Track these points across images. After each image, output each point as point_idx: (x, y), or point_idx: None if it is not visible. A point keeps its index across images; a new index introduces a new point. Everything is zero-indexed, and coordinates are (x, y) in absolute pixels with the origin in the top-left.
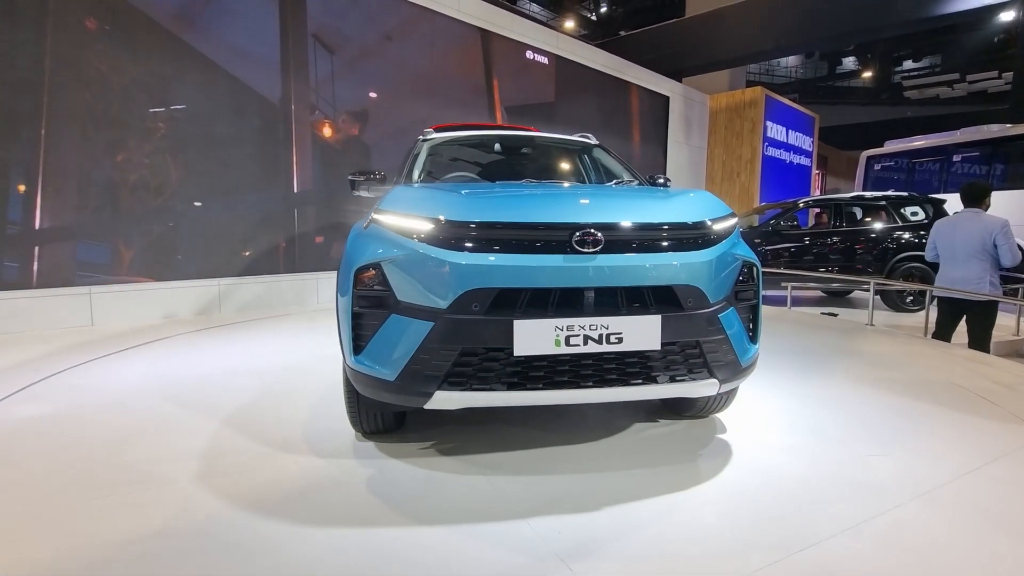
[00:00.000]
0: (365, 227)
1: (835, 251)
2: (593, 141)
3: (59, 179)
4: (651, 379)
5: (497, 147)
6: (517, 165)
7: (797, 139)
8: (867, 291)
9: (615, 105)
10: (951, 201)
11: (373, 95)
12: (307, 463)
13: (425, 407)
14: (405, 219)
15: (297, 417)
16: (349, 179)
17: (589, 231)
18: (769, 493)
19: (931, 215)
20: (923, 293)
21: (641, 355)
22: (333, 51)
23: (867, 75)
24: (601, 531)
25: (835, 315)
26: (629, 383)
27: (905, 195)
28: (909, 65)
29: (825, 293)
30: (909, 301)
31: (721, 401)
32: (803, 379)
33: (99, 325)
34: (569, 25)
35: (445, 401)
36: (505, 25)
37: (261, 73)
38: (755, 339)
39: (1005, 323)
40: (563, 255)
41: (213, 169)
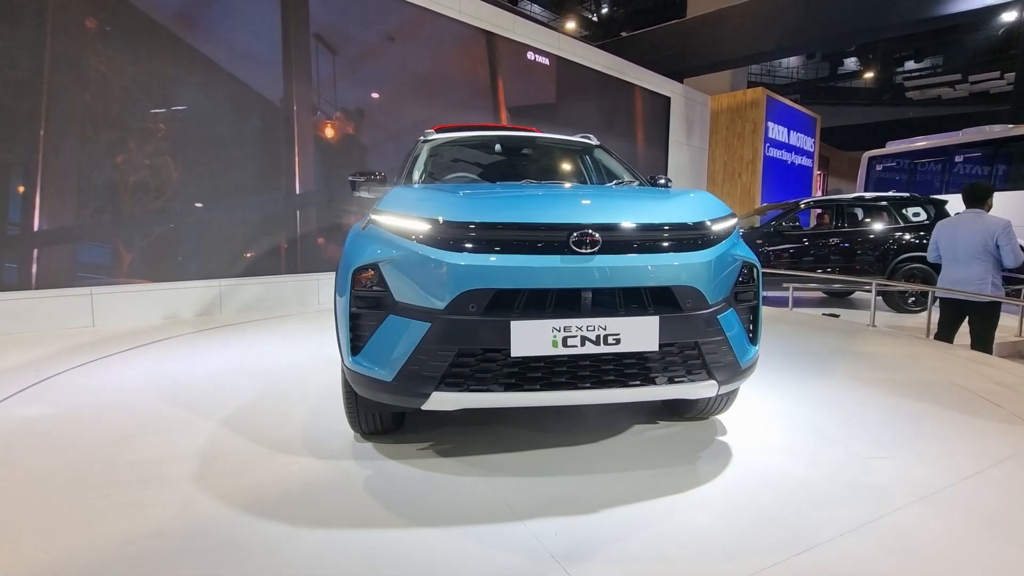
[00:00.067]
0: (363, 228)
1: (837, 252)
2: (594, 142)
3: (60, 180)
4: (649, 380)
5: (498, 148)
6: (518, 166)
7: (798, 140)
8: (869, 292)
9: (616, 106)
10: (953, 202)
11: (376, 96)
12: (306, 463)
13: (422, 408)
14: (402, 220)
15: (297, 418)
16: (350, 180)
17: (587, 232)
18: (769, 495)
19: (933, 216)
20: (925, 294)
21: (639, 356)
22: (335, 52)
23: (869, 76)
24: (598, 533)
25: (837, 316)
26: (627, 384)
27: (907, 196)
28: (911, 66)
29: (827, 294)
30: (911, 302)
31: (721, 403)
32: (804, 380)
33: (100, 326)
34: (570, 26)
35: (442, 402)
36: (506, 26)
37: (263, 74)
38: (755, 340)
39: (1007, 324)
40: (560, 256)
41: (215, 170)
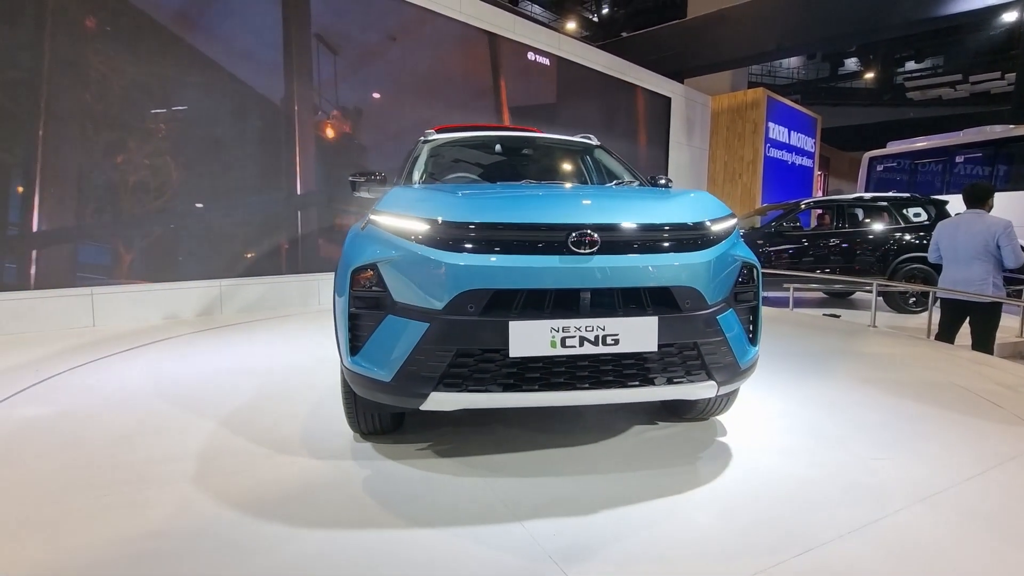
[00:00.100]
0: (362, 228)
1: (837, 252)
2: (594, 142)
3: (61, 180)
4: (648, 381)
5: (498, 148)
6: (518, 166)
7: (799, 140)
8: (870, 292)
9: (617, 106)
10: (954, 202)
11: (378, 96)
12: (306, 463)
13: (421, 408)
14: (401, 220)
15: (296, 418)
16: (350, 180)
17: (585, 232)
18: (769, 496)
19: (933, 216)
20: (926, 294)
21: (638, 357)
22: (337, 52)
23: (869, 76)
24: (597, 533)
25: (838, 316)
26: (626, 385)
27: (907, 196)
28: (911, 66)
29: (827, 294)
30: (912, 302)
31: (721, 403)
32: (804, 381)
33: (100, 326)
34: (571, 27)
35: (441, 402)
36: (507, 27)
37: (264, 73)
38: (755, 341)
39: (1008, 324)
40: (559, 256)
41: (215, 170)
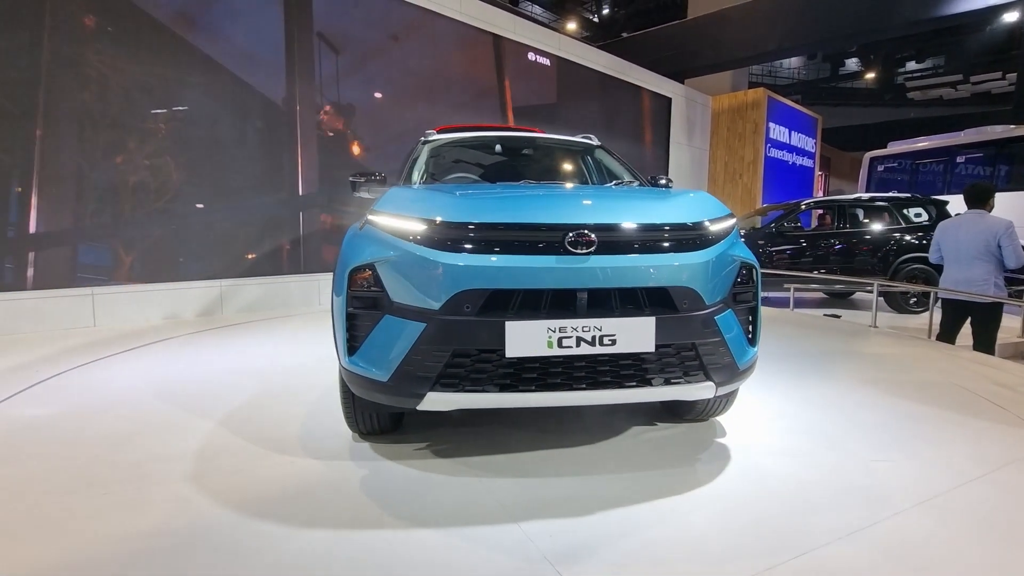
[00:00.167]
0: (360, 228)
1: (838, 252)
2: (595, 142)
3: (61, 180)
4: (645, 381)
5: (498, 148)
6: (518, 166)
7: (800, 140)
8: (870, 293)
9: (617, 107)
10: (954, 203)
11: (380, 96)
12: (304, 463)
13: (418, 408)
14: (399, 220)
15: (295, 417)
16: (350, 180)
17: (582, 232)
18: (766, 498)
19: (934, 216)
20: (927, 295)
21: (635, 357)
22: (339, 52)
23: (870, 76)
24: (592, 535)
25: (838, 317)
26: (623, 385)
27: (908, 196)
28: (912, 66)
29: (828, 295)
30: (913, 303)
31: (720, 404)
32: (804, 381)
33: (101, 326)
34: (571, 27)
35: (437, 402)
36: (507, 27)
37: (265, 73)
38: (754, 341)
39: (1009, 325)
40: (556, 256)
41: (216, 170)
